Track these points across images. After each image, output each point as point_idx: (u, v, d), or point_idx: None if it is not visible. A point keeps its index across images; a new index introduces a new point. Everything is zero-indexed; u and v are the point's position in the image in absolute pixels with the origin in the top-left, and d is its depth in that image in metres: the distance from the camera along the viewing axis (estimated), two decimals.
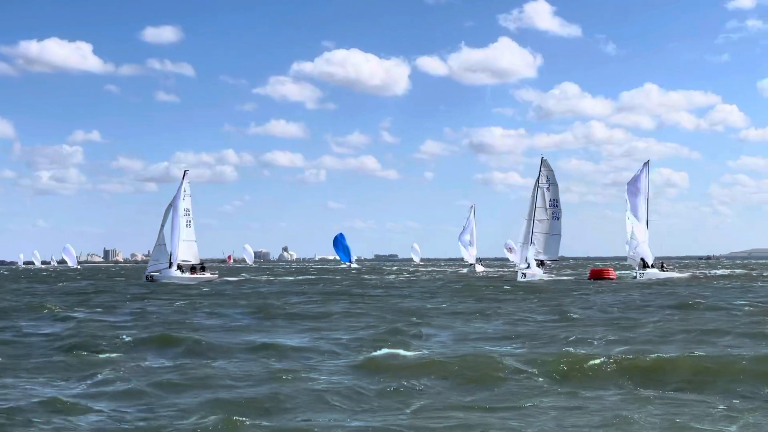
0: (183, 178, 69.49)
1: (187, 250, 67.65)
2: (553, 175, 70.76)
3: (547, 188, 70.45)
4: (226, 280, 71.61)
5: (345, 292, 47.55)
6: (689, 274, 78.17)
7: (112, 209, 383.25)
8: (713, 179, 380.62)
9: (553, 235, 69.68)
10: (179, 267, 66.55)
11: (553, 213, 70.06)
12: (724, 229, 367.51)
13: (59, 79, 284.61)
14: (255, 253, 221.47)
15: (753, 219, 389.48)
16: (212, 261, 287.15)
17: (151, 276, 65.68)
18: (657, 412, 11.98)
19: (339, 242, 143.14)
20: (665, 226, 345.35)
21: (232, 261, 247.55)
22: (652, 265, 65.98)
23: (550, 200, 70.15)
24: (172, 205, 67.25)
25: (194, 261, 69.30)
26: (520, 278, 62.63)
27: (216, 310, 32.53)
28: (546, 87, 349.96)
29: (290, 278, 78.38)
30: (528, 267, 64.26)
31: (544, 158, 71.20)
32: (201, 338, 21.13)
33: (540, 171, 71.06)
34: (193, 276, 66.94)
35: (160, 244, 66.10)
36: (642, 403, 12.63)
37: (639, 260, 66.04)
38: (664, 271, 67.62)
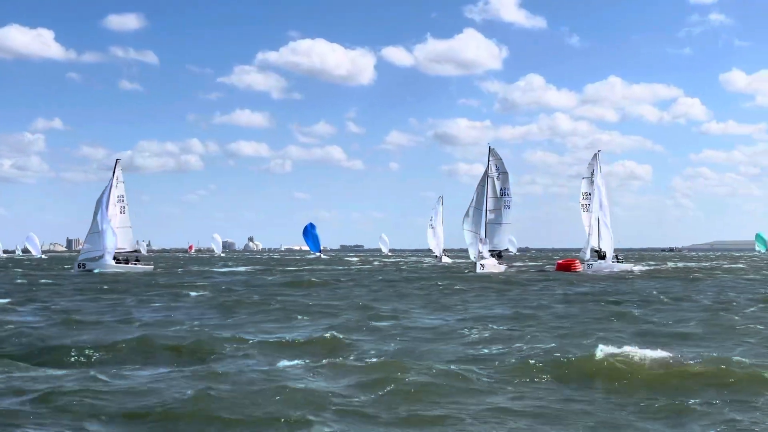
0: (115, 166, 68.24)
1: (122, 237, 66.12)
2: (503, 164, 69.52)
3: (497, 177, 69.29)
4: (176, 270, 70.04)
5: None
6: (643, 266, 77.89)
7: (75, 198, 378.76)
8: (676, 172, 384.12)
9: (504, 224, 68.39)
10: (114, 257, 64.93)
11: (504, 203, 68.77)
12: (686, 221, 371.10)
13: (20, 67, 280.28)
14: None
15: (715, 211, 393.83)
16: (176, 250, 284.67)
17: (83, 264, 63.99)
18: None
19: (309, 232, 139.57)
20: (629, 218, 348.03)
21: (194, 251, 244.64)
22: (603, 256, 64.66)
23: (501, 189, 68.90)
24: (104, 193, 65.64)
25: (129, 248, 68.16)
26: (479, 270, 61.33)
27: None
28: (511, 79, 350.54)
29: (242, 268, 77.20)
30: (482, 258, 63.30)
31: (492, 147, 70.15)
32: None
33: (489, 160, 70.03)
34: (127, 266, 65.46)
35: (93, 232, 64.41)
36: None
37: (590, 251, 65.10)
38: (619, 262, 66.82)
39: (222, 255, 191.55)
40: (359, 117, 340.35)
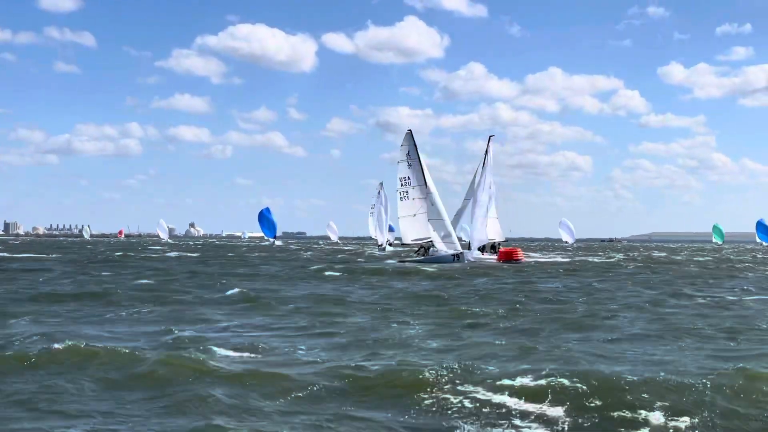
0: None
1: None
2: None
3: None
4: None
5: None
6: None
7: (12, 181, 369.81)
8: (616, 164, 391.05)
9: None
10: None
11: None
12: (626, 212, 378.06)
13: None
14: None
15: (653, 203, 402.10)
16: (106, 235, 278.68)
17: None
18: None
19: (264, 217, 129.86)
20: (569, 208, 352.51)
21: (123, 236, 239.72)
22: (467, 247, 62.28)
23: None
24: None
25: None
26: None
27: None
28: (452, 68, 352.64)
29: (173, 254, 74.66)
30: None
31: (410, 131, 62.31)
32: None
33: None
34: None
35: None
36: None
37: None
38: (494, 253, 63.84)
39: (169, 240, 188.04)
40: (300, 103, 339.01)
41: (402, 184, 59.81)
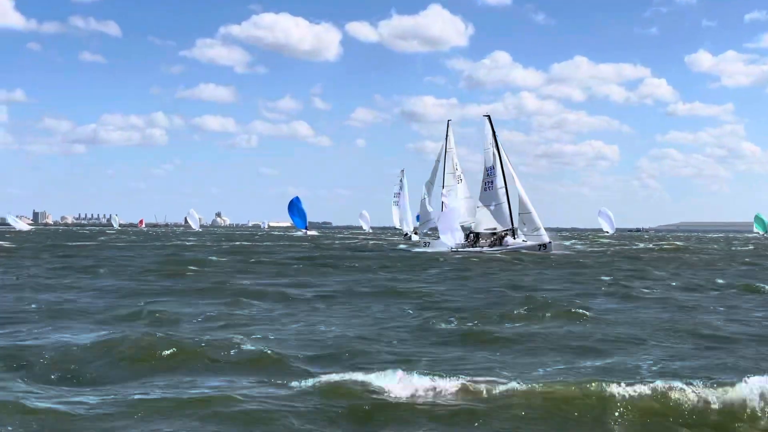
0: None
1: None
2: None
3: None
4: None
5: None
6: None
7: (40, 171, 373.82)
8: (643, 153, 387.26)
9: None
10: None
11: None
12: (653, 202, 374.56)
13: None
14: (186, 218, 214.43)
15: (681, 192, 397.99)
16: (133, 225, 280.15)
17: None
18: None
19: (295, 206, 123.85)
20: (596, 198, 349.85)
21: (143, 225, 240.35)
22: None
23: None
24: None
25: None
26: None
27: None
28: (477, 56, 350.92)
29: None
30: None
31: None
32: None
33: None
34: None
35: None
36: None
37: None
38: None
39: (199, 230, 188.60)
40: (325, 93, 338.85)
41: (488, 174, 57.79)
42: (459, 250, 54.50)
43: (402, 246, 70.44)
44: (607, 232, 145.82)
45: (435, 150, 73.58)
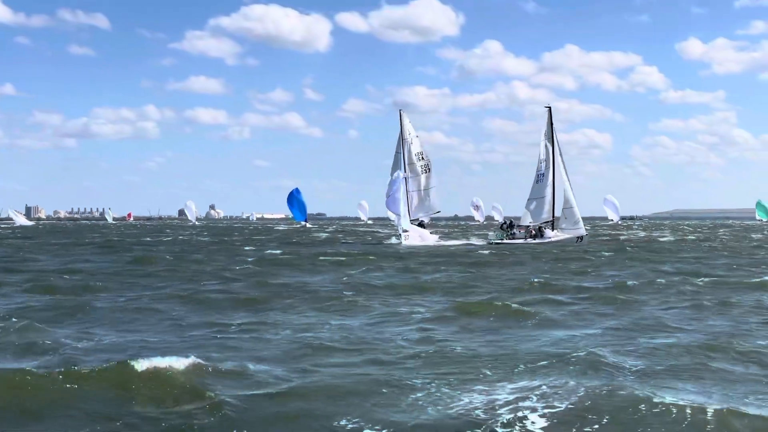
0: None
1: None
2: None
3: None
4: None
5: None
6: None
7: (32, 166, 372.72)
8: (635, 141, 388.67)
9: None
10: None
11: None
12: (646, 189, 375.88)
13: None
14: (180, 211, 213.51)
15: (674, 180, 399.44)
16: (125, 219, 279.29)
17: None
18: None
19: (294, 198, 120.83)
20: (590, 186, 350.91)
21: (131, 219, 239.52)
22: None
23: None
24: None
25: None
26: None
27: None
28: (468, 46, 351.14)
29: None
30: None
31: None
32: None
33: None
34: None
35: None
36: None
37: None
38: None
39: (196, 223, 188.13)
40: (316, 84, 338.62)
41: (546, 166, 56.34)
42: (496, 243, 53.74)
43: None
44: (612, 220, 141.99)
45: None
